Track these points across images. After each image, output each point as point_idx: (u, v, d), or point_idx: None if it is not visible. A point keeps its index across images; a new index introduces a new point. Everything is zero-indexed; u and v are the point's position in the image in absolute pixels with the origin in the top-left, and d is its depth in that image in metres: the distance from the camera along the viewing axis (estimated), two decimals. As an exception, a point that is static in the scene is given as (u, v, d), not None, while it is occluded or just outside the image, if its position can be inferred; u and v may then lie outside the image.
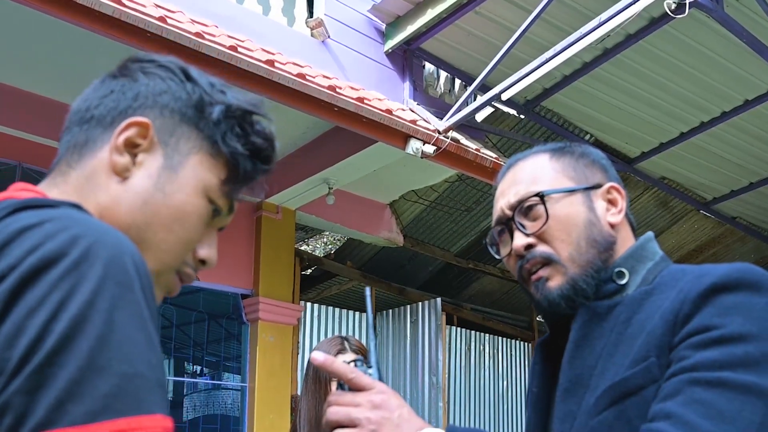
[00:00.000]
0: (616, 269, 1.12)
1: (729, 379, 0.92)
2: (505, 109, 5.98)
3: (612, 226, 1.16)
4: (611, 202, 1.18)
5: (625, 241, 1.17)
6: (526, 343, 8.53)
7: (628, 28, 4.97)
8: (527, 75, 4.73)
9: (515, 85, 4.84)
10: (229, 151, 0.86)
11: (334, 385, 2.27)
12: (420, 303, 7.16)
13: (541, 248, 1.14)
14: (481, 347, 8.05)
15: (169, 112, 0.85)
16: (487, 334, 8.19)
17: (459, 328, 7.85)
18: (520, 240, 1.16)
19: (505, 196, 1.20)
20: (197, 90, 0.87)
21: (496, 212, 1.22)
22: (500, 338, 8.33)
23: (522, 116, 6.06)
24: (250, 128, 0.89)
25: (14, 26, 4.15)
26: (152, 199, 0.82)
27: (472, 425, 7.69)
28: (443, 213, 7.39)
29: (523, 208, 1.16)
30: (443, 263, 8.11)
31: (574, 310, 1.12)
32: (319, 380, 2.33)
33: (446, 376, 7.07)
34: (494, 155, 5.41)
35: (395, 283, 7.69)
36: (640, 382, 0.99)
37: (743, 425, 0.89)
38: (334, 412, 1.00)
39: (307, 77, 4.40)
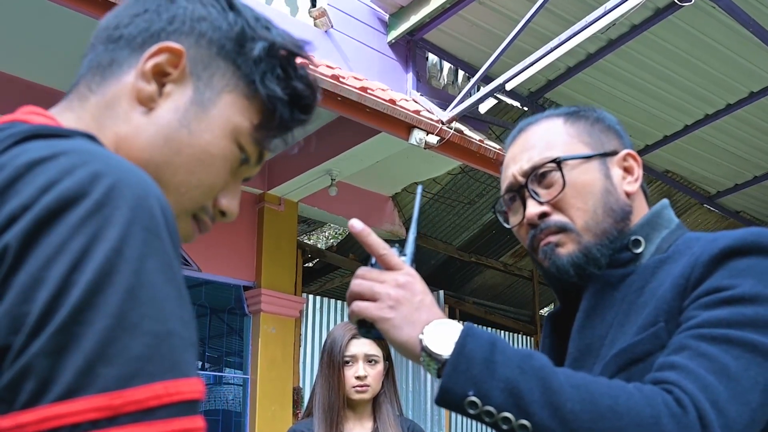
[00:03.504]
0: (633, 237, 1.09)
1: (736, 336, 0.90)
2: (509, 101, 5.96)
3: (628, 195, 1.12)
4: (627, 170, 1.14)
5: (640, 211, 1.14)
6: (528, 337, 8.51)
7: (633, 19, 4.94)
8: (531, 65, 4.70)
9: (519, 75, 4.81)
10: (267, 94, 0.78)
11: (347, 369, 2.29)
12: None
13: (556, 217, 1.10)
14: (484, 341, 8.03)
15: (206, 42, 0.77)
16: (489, 328, 8.17)
17: (461, 322, 7.82)
18: (533, 208, 1.11)
19: (516, 162, 1.15)
20: (240, 21, 0.79)
21: (507, 179, 1.17)
22: (503, 332, 8.31)
23: (526, 108, 6.03)
24: (292, 71, 0.81)
25: (21, 15, 4.14)
26: (176, 135, 0.74)
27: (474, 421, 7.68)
28: (446, 206, 7.37)
29: (537, 174, 1.12)
30: (446, 256, 8.10)
31: (582, 279, 1.09)
32: (333, 365, 2.33)
33: (448, 369, 7.05)
34: (498, 147, 5.38)
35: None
36: (648, 347, 0.97)
37: (748, 384, 0.87)
38: (357, 284, 0.97)
39: (310, 66, 4.37)
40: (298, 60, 0.82)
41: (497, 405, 0.86)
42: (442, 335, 0.92)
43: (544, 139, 1.15)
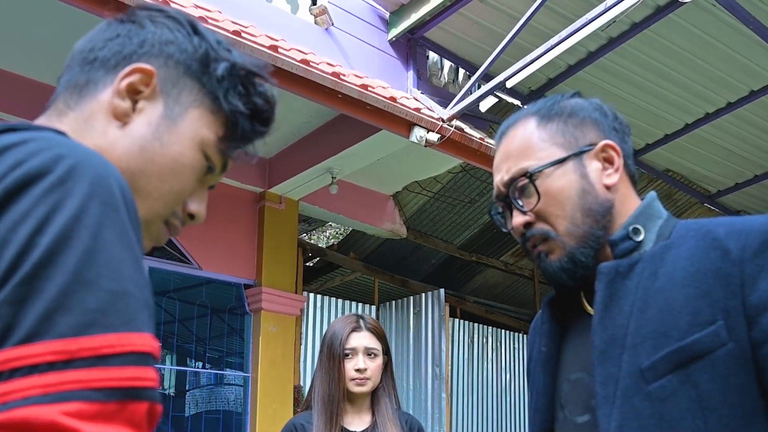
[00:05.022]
0: (632, 227, 1.10)
1: None
2: (510, 99, 5.96)
3: (608, 187, 1.13)
4: (607, 160, 1.14)
5: (626, 198, 1.15)
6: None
7: (634, 17, 4.95)
8: (531, 63, 4.70)
9: (519, 73, 4.81)
10: (230, 109, 0.87)
11: (347, 362, 2.30)
12: (423, 294, 7.14)
13: (539, 226, 1.13)
14: (484, 339, 8.04)
15: (173, 63, 0.85)
16: (490, 327, 8.18)
17: (462, 321, 7.84)
18: (518, 219, 1.15)
19: (499, 172, 1.18)
20: (204, 44, 0.87)
21: (495, 187, 1.20)
22: (503, 331, 8.32)
23: (523, 108, 6.02)
24: (252, 88, 0.89)
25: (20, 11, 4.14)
26: (149, 147, 0.82)
27: (474, 417, 7.69)
28: (447, 205, 7.37)
29: (515, 187, 1.15)
30: (446, 255, 8.10)
31: (576, 281, 1.12)
32: (333, 357, 2.35)
33: (449, 367, 7.06)
34: (498, 145, 5.38)
35: (398, 275, 7.68)
36: (709, 346, 0.97)
37: None
38: None
39: (311, 63, 4.39)
40: (257, 79, 0.90)
41: None
42: None
43: (519, 146, 1.16)
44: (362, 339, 2.38)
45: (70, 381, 0.56)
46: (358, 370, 2.34)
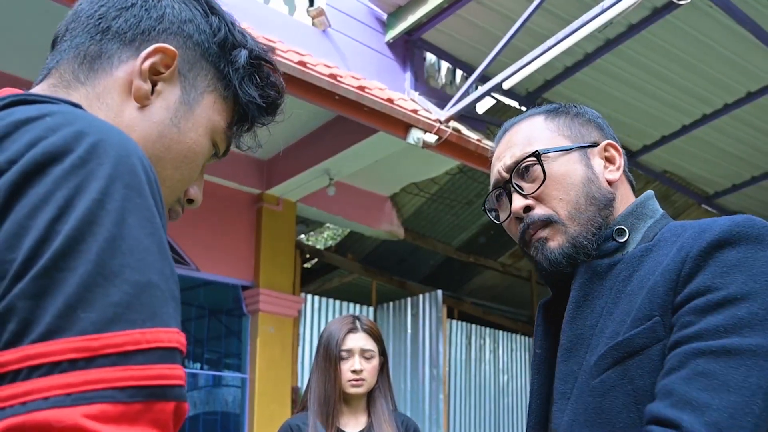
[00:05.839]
0: (616, 227, 1.11)
1: (734, 345, 0.90)
2: (507, 101, 5.97)
3: (610, 183, 1.15)
4: (609, 160, 1.17)
5: (625, 199, 1.17)
6: (526, 337, 8.51)
7: (631, 18, 4.96)
8: (528, 64, 4.71)
9: (516, 74, 4.82)
10: (246, 99, 0.84)
11: (343, 363, 2.30)
12: (421, 295, 7.14)
13: (540, 210, 1.13)
14: (482, 341, 8.04)
15: (192, 44, 0.81)
16: (487, 328, 8.17)
17: (460, 322, 7.84)
18: (518, 202, 1.15)
19: (501, 159, 1.19)
20: (222, 27, 0.84)
21: (494, 176, 1.21)
22: (501, 332, 8.32)
23: (524, 108, 6.04)
24: (266, 78, 0.87)
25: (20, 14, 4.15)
26: (167, 133, 0.78)
27: (472, 418, 7.69)
28: (444, 206, 7.37)
29: (520, 169, 1.16)
30: (444, 257, 8.10)
31: (576, 268, 1.11)
32: (329, 358, 2.36)
33: (447, 368, 7.06)
34: (495, 146, 5.39)
35: (396, 276, 7.68)
36: (645, 341, 0.97)
37: (749, 392, 0.88)
38: None
39: (308, 65, 4.39)
40: (269, 67, 0.88)
41: None
42: None
43: (526, 136, 1.19)
44: (358, 340, 2.39)
45: (93, 381, 0.52)
46: (354, 371, 2.35)
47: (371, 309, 7.35)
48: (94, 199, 0.56)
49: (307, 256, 7.10)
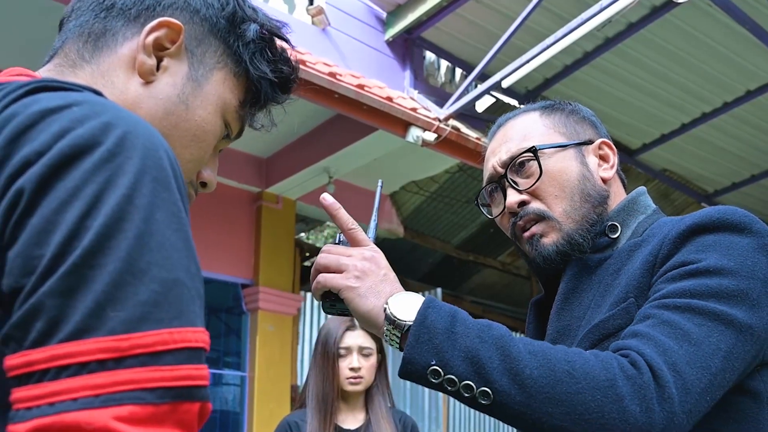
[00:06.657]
0: (609, 223, 1.12)
1: (699, 306, 0.91)
2: (506, 99, 5.96)
3: (604, 181, 1.16)
4: (603, 158, 1.18)
5: (618, 196, 1.18)
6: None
7: (630, 17, 4.96)
8: (527, 62, 4.72)
9: (515, 72, 4.82)
10: (257, 75, 0.82)
11: (341, 361, 2.31)
12: (420, 294, 7.14)
13: (535, 205, 1.13)
14: (482, 339, 8.04)
15: (199, 19, 0.79)
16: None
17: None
18: (513, 197, 1.15)
19: (496, 154, 1.19)
20: (231, 1, 0.82)
21: (488, 171, 1.21)
22: (500, 331, 8.32)
23: (523, 106, 6.03)
24: (278, 54, 0.84)
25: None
26: (174, 110, 0.76)
27: (471, 416, 7.70)
28: (444, 204, 7.38)
29: (515, 164, 1.16)
30: (444, 255, 8.10)
31: (567, 264, 1.13)
32: (327, 356, 2.36)
33: (446, 367, 7.06)
34: (495, 144, 5.39)
35: (396, 274, 7.67)
36: (619, 322, 0.99)
37: (709, 350, 0.88)
38: (324, 257, 1.01)
39: (308, 63, 4.39)
40: (281, 42, 0.85)
41: (459, 373, 0.88)
42: (406, 306, 0.96)
43: (522, 131, 1.19)
44: (356, 338, 2.39)
45: (122, 381, 0.51)
46: (352, 369, 2.35)
47: (371, 307, 7.34)
48: (124, 195, 0.55)
49: (307, 254, 7.10)
